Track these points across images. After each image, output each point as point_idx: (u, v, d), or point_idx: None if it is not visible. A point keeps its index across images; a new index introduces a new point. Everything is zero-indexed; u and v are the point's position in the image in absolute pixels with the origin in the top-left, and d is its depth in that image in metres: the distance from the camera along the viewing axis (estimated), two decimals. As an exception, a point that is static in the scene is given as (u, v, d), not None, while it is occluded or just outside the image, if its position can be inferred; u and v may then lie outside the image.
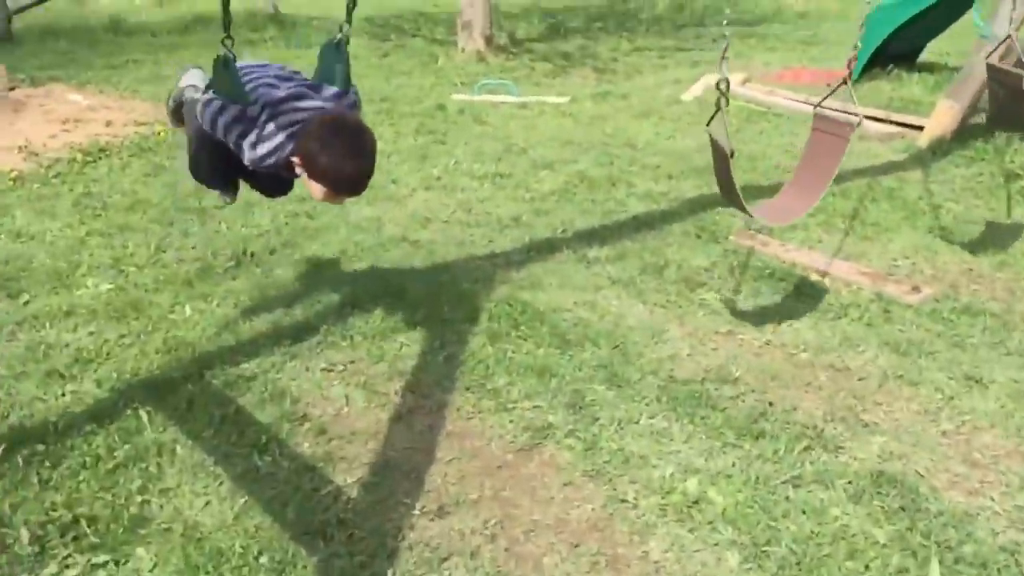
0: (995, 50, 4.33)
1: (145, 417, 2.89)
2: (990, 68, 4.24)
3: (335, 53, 2.71)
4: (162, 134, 6.44)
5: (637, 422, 2.99)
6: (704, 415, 3.04)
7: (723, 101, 3.03)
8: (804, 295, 4.06)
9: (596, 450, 2.84)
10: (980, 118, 6.78)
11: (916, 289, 4.09)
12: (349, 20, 2.68)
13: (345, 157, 2.45)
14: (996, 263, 4.43)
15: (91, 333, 3.51)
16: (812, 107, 3.54)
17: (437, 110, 7.34)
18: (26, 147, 5.98)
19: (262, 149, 2.55)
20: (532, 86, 8.54)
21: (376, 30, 11.91)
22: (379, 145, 2.80)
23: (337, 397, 3.12)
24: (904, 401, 3.20)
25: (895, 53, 8.56)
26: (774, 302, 4.00)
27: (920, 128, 6.64)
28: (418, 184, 5.49)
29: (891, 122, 6.94)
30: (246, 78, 2.66)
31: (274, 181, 2.95)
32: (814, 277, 4.23)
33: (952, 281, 4.24)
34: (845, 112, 3.45)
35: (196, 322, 3.60)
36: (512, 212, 5.04)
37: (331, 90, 2.68)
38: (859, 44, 3.57)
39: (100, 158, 5.91)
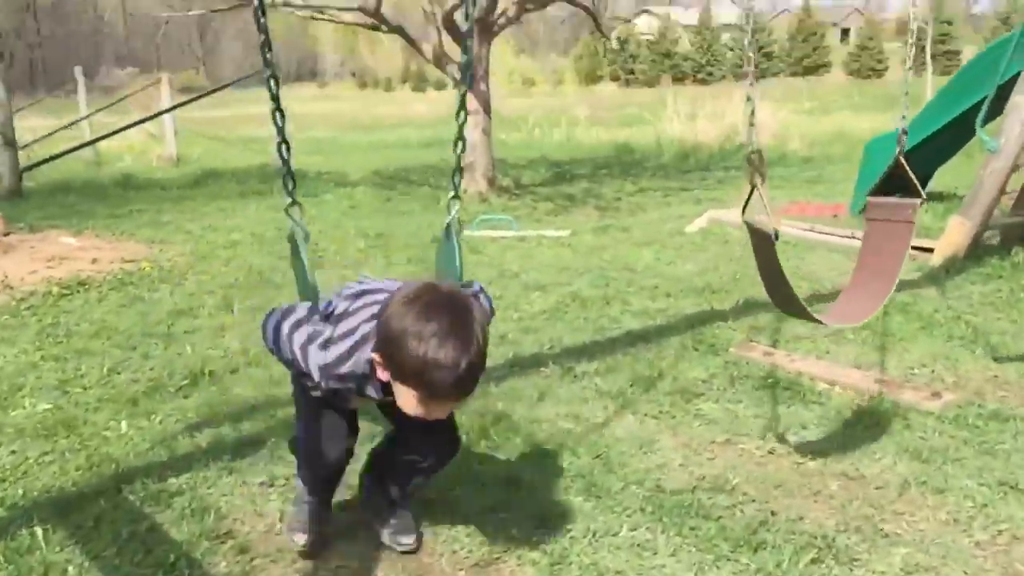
0: None
1: (40, 535, 2.50)
2: None
3: (444, 240, 2.15)
4: (146, 268, 6.29)
5: (616, 534, 2.56)
6: (694, 525, 2.60)
7: (758, 178, 2.63)
8: (812, 403, 3.66)
9: (564, 565, 2.40)
10: (995, 237, 6.52)
11: (937, 395, 3.68)
12: (456, 193, 2.12)
13: (438, 341, 1.74)
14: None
15: (12, 452, 3.16)
16: (819, 233, 3.21)
17: (433, 243, 7.18)
18: (3, 281, 5.82)
19: (334, 352, 1.93)
20: (533, 222, 8.42)
21: (383, 181, 12.04)
22: (367, 273, 2.44)
23: (270, 512, 2.71)
24: (929, 510, 2.74)
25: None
26: (779, 411, 3.59)
27: (931, 251, 6.36)
28: (402, 307, 5.22)
29: (901, 244, 6.67)
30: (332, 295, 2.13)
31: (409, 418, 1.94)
32: (822, 386, 3.84)
33: (976, 388, 3.83)
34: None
35: (130, 439, 3.25)
36: (498, 331, 4.72)
37: None
38: (905, 115, 3.19)
39: (78, 291, 5.71)
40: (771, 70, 45.57)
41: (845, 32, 66.80)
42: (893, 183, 3.05)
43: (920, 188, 2.98)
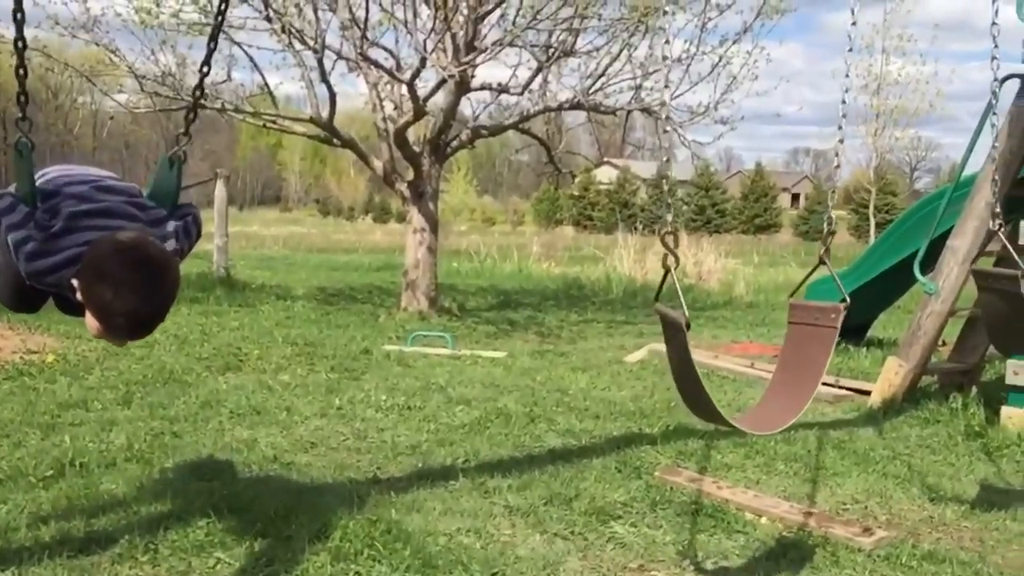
0: (980, 252, 3.73)
1: None
2: (977, 275, 3.60)
3: (166, 168, 2.40)
4: (50, 359, 5.90)
5: (496, 661, 2.22)
6: (588, 655, 2.28)
7: (672, 261, 2.39)
8: (736, 533, 3.38)
9: None
10: (933, 379, 6.42)
11: (868, 531, 3.43)
12: (187, 132, 2.41)
13: (126, 292, 2.01)
14: (961, 512, 3.80)
15: None
16: (758, 370, 3.01)
17: (361, 354, 6.89)
18: None
19: (42, 263, 2.13)
20: (471, 343, 8.18)
21: (326, 296, 11.78)
22: (285, 380, 2.24)
23: (99, 616, 2.34)
24: (856, 652, 2.45)
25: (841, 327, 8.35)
26: (700, 540, 3.31)
27: (868, 393, 6.22)
28: (314, 412, 4.89)
29: (839, 387, 6.55)
30: (57, 180, 2.28)
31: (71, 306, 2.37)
32: (749, 516, 3.56)
33: (911, 528, 3.59)
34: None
35: (-37, 526, 2.85)
36: (411, 441, 4.41)
37: (158, 211, 2.33)
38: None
39: (-33, 379, 5.30)
40: (724, 226, 46.88)
41: (795, 196, 69.43)
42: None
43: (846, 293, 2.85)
